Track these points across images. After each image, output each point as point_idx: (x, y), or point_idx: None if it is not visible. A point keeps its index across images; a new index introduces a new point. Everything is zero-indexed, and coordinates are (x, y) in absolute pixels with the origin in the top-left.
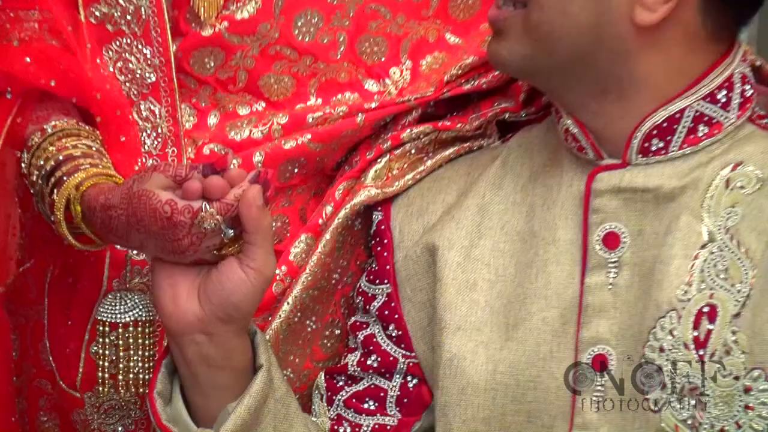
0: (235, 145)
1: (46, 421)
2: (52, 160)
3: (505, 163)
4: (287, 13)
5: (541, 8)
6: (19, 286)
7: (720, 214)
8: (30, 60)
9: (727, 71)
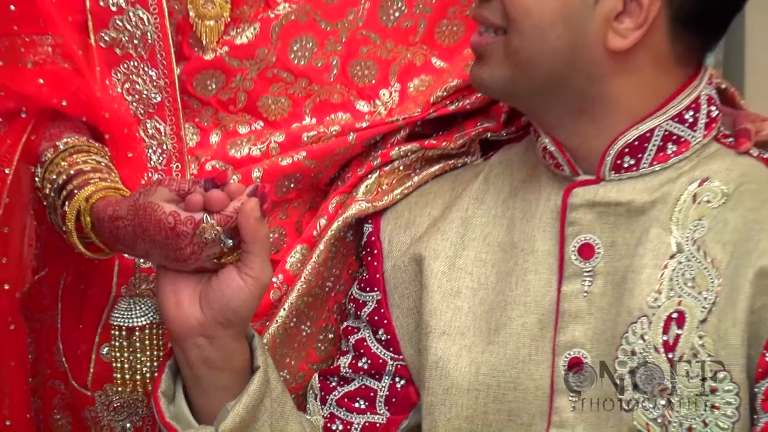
0: (236, 162)
1: (60, 418)
2: (63, 174)
3: (487, 179)
4: (283, 39)
5: (520, 35)
6: (34, 293)
7: (687, 226)
8: (43, 81)
9: (694, 93)
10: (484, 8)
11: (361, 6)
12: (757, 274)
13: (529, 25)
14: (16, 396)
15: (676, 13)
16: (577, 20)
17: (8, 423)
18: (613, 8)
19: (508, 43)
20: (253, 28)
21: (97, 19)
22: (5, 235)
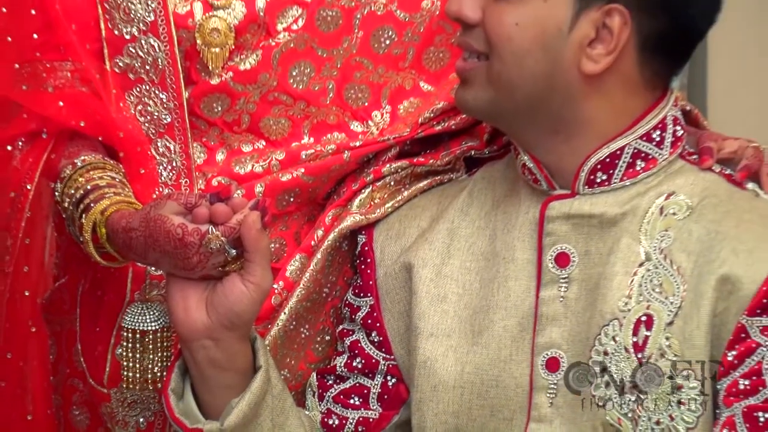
0: (239, 178)
1: (78, 414)
2: (81, 189)
3: (471, 193)
4: (283, 65)
5: (501, 61)
6: (55, 298)
7: (655, 236)
8: (63, 104)
9: (661, 114)
10: (468, 36)
11: (355, 34)
12: (719, 280)
13: (510, 51)
14: (38, 393)
15: (644, 40)
16: (553, 47)
17: (29, 417)
18: (586, 35)
19: (490, 68)
20: (255, 54)
21: (112, 47)
22: (27, 246)
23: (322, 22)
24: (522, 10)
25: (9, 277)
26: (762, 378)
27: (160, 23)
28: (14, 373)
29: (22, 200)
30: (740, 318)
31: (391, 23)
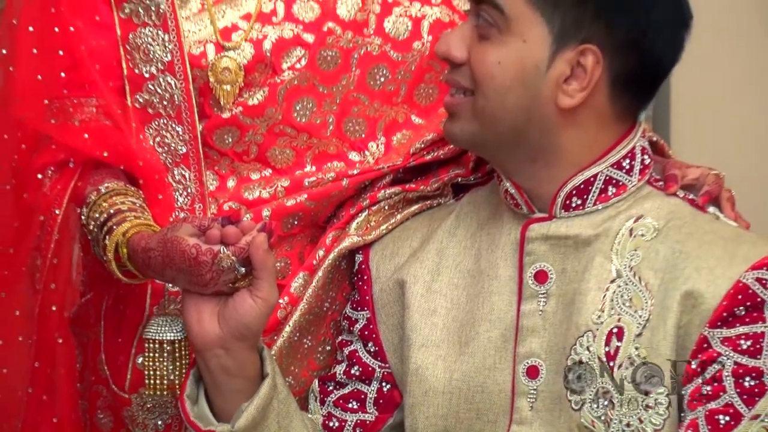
0: (248, 203)
1: (102, 417)
2: (105, 213)
3: (458, 216)
4: (288, 100)
5: (485, 96)
6: (82, 312)
7: (625, 256)
8: (88, 136)
9: (630, 144)
10: (455, 73)
11: (353, 72)
12: (683, 296)
13: (493, 88)
14: (65, 398)
15: (614, 77)
16: (532, 84)
17: (55, 420)
18: (563, 73)
19: (475, 103)
20: (262, 91)
21: (133, 85)
22: (55, 265)
23: (322, 61)
24: (504, 50)
25: (39, 294)
26: (722, 384)
27: (177, 63)
28: (42, 380)
29: (51, 223)
30: (702, 330)
31: (385, 62)
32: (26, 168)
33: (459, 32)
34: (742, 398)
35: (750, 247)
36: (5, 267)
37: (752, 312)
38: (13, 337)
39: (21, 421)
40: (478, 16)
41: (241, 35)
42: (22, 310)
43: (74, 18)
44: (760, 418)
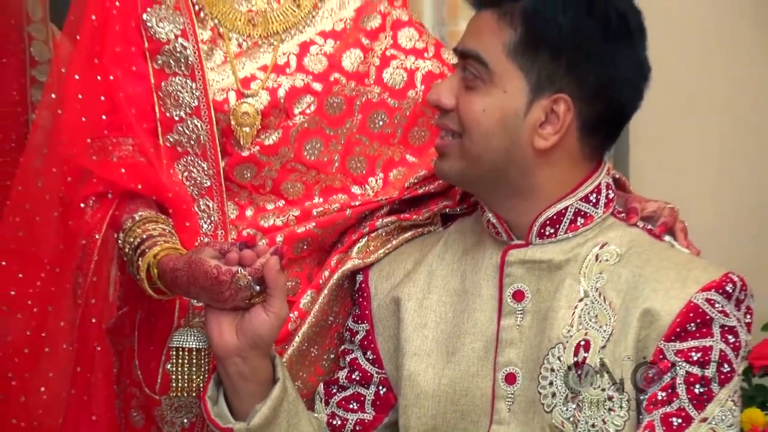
0: (264, 230)
1: (136, 416)
2: (138, 238)
3: (446, 242)
4: (299, 141)
5: (471, 139)
6: (118, 324)
7: (592, 278)
8: (125, 171)
9: (596, 181)
10: (445, 118)
11: (355, 117)
12: (642, 313)
13: (478, 131)
14: (102, 399)
15: (583, 122)
16: (512, 128)
17: (94, 418)
18: (538, 119)
19: (463, 145)
20: (277, 133)
21: (165, 126)
22: (95, 283)
23: (329, 107)
24: (487, 99)
25: (80, 308)
26: (676, 391)
27: (203, 108)
28: (82, 383)
29: (91, 247)
30: (659, 343)
31: (383, 108)
32: (71, 198)
33: (448, 83)
34: (692, 403)
35: (700, 272)
36: (52, 284)
37: (702, 328)
38: (59, 345)
39: (64, 418)
40: (464, 69)
41: (259, 84)
42: (66, 321)
43: (114, 68)
44: (708, 420)
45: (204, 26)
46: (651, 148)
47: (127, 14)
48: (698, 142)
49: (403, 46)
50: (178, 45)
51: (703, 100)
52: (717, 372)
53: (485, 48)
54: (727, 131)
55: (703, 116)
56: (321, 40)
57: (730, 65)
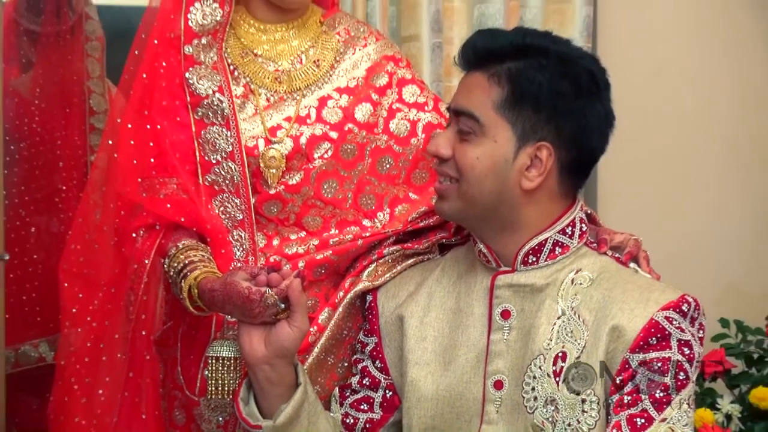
0: (288, 257)
1: (178, 414)
2: (181, 263)
3: (443, 269)
4: (318, 181)
5: (467, 183)
6: (164, 337)
7: (568, 299)
8: (170, 206)
9: (572, 216)
10: (443, 166)
11: (366, 161)
12: (611, 329)
13: (473, 176)
14: (150, 400)
15: (561, 165)
16: (502, 172)
17: (144, 417)
18: (525, 163)
19: (460, 188)
20: (299, 174)
21: (204, 168)
22: (144, 301)
23: (344, 152)
24: (480, 149)
25: (132, 322)
26: (639, 395)
27: (236, 153)
28: (134, 387)
29: (141, 270)
30: (625, 354)
31: (390, 154)
32: (124, 229)
33: (445, 135)
34: (653, 406)
35: (660, 294)
36: (108, 302)
37: (662, 341)
38: (114, 354)
39: (118, 417)
40: (458, 124)
41: (284, 132)
42: (120, 334)
43: (161, 118)
44: (666, 420)
45: (237, 83)
46: (616, 186)
47: (173, 73)
48: (657, 180)
49: (407, 100)
50: (215, 99)
51: (663, 145)
52: (675, 379)
53: (476, 105)
54: (681, 172)
55: (663, 160)
56: (337, 95)
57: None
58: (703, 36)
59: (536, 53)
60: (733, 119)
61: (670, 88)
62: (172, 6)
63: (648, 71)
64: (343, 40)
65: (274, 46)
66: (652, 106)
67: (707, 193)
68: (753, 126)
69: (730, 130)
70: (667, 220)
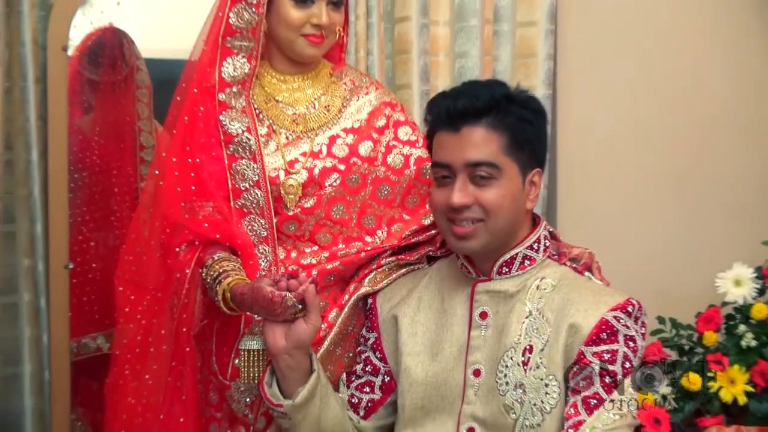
0: (304, 266)
1: (213, 395)
2: (216, 272)
3: (431, 277)
4: (328, 205)
5: (496, 219)
6: (201, 332)
7: (535, 302)
8: (207, 225)
9: (538, 233)
10: (466, 212)
11: (367, 188)
12: (569, 326)
13: (502, 212)
14: (191, 384)
15: None
16: (519, 201)
17: (184, 398)
18: (528, 189)
19: (488, 225)
20: (313, 199)
21: (235, 194)
22: (185, 303)
23: (349, 181)
24: (502, 188)
25: (175, 321)
26: (592, 380)
27: (261, 182)
28: (176, 373)
29: (183, 278)
30: (580, 347)
31: (387, 182)
32: (169, 244)
33: (458, 188)
34: (604, 389)
35: (609, 297)
36: (155, 304)
37: (611, 337)
38: (160, 346)
39: (163, 398)
40: (473, 172)
41: (300, 165)
42: (165, 330)
43: (200, 153)
44: (614, 401)
45: (262, 124)
46: (574, 207)
47: (209, 116)
48: (605, 203)
49: (401, 138)
50: (244, 137)
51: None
52: (622, 367)
53: (490, 154)
54: (623, 194)
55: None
56: (344, 135)
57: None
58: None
59: (509, 102)
60: (666, 147)
61: (607, 134)
62: (208, 60)
63: (593, 123)
64: (349, 89)
65: (292, 94)
66: (594, 152)
67: (647, 213)
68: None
69: (663, 159)
70: (615, 236)
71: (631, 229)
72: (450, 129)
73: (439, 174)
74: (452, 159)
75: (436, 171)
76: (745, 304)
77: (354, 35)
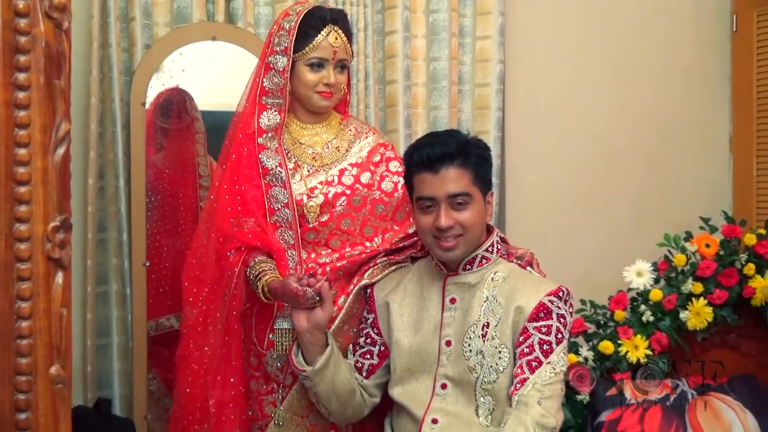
0: (320, 265)
1: (253, 360)
2: (257, 270)
3: (414, 272)
4: (338, 219)
5: (472, 233)
6: (245, 313)
7: (490, 290)
8: (251, 236)
9: (492, 239)
10: (450, 231)
11: (367, 206)
12: (516, 309)
13: (475, 227)
14: (238, 353)
15: None
16: (483, 217)
17: (233, 363)
18: (487, 207)
19: (466, 238)
20: (327, 215)
21: (270, 212)
22: (234, 293)
23: (354, 202)
24: (474, 210)
25: (226, 306)
26: (533, 348)
27: (290, 203)
28: (227, 345)
29: (232, 275)
30: (524, 323)
31: (381, 202)
32: (221, 250)
33: (446, 214)
34: (542, 354)
35: (546, 285)
36: (212, 294)
37: (547, 315)
38: (216, 325)
39: (217, 364)
40: (454, 201)
41: (318, 191)
42: (220, 313)
43: (244, 183)
44: (551, 363)
45: (290, 161)
46: (517, 217)
47: (251, 155)
48: (542, 211)
49: (392, 170)
50: (277, 171)
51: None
52: (555, 338)
53: (464, 187)
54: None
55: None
56: (350, 168)
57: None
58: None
59: (469, 145)
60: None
61: (544, 167)
62: (249, 113)
63: (534, 158)
64: (353, 134)
65: (312, 138)
66: (536, 181)
67: (574, 227)
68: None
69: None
70: (550, 237)
71: (562, 238)
72: (430, 170)
73: (424, 204)
74: (436, 193)
75: (421, 202)
76: (645, 290)
77: (356, 94)
